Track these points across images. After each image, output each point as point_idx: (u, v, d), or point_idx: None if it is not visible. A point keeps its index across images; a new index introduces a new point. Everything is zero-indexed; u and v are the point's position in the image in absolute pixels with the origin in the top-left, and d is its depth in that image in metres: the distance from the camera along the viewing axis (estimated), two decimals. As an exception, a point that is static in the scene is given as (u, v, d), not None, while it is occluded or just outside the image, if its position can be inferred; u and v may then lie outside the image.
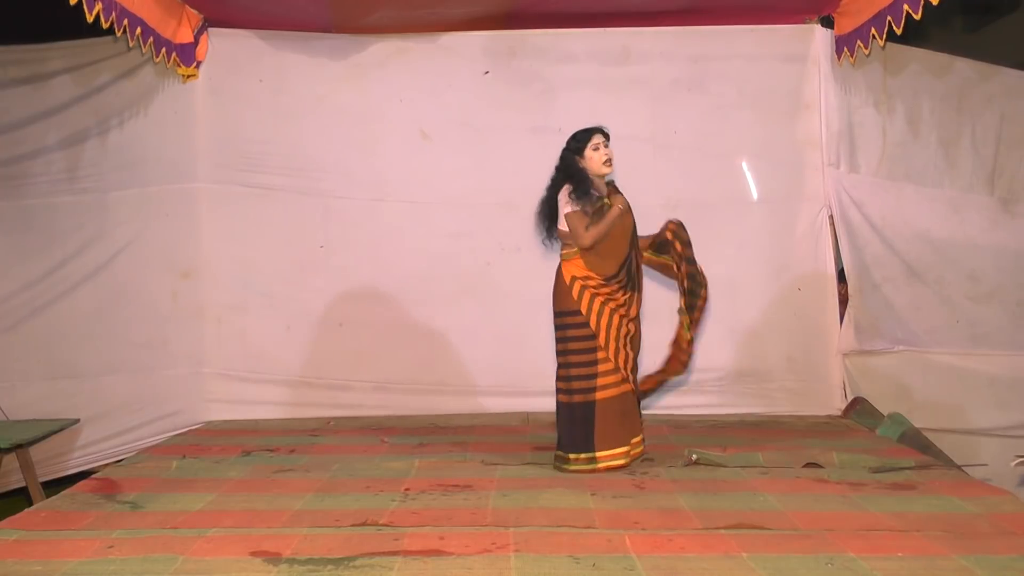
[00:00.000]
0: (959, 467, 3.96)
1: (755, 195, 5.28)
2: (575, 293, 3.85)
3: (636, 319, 3.94)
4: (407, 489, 3.55)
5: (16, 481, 4.45)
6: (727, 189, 5.26)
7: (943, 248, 5.08)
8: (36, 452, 4.35)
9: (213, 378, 5.21)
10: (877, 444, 4.30)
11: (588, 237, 3.81)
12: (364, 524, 3.05)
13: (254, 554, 2.73)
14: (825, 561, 2.63)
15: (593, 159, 3.87)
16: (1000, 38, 9.59)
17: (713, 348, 5.20)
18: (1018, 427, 4.85)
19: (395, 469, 3.92)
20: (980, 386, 4.97)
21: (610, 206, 3.86)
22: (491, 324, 5.20)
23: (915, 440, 4.35)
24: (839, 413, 5.09)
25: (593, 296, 3.85)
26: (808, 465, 3.88)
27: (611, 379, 3.84)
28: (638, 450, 3.95)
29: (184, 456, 4.21)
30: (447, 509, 3.27)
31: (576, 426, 3.84)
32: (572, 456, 3.84)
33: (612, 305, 3.85)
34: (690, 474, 3.74)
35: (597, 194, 3.87)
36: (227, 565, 2.65)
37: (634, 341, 3.93)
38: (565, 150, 3.93)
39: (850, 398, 5.07)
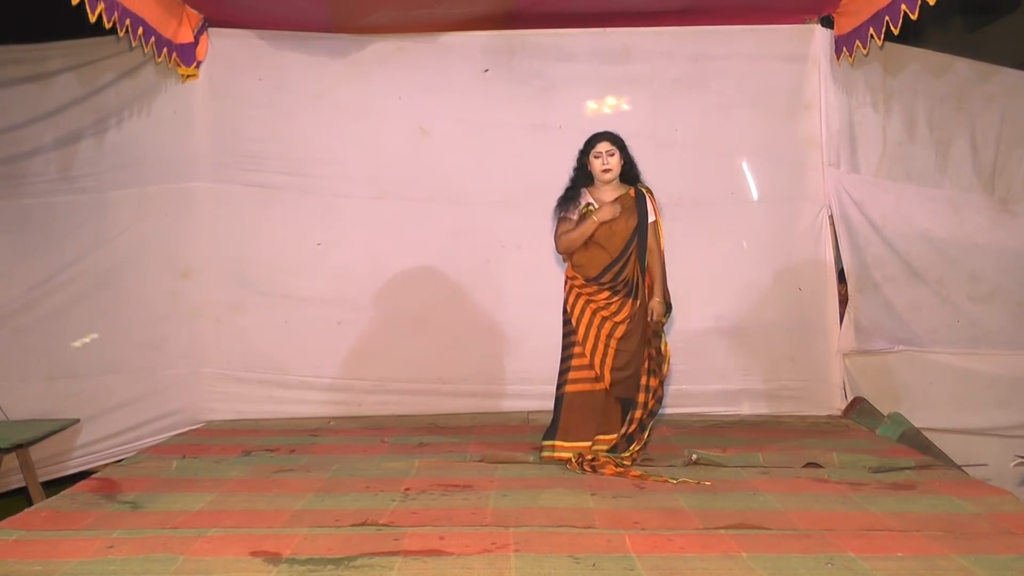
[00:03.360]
0: (959, 467, 3.96)
1: (755, 195, 5.28)
2: (566, 291, 4.05)
3: (628, 322, 3.94)
4: (407, 489, 3.56)
5: (16, 481, 4.45)
6: (727, 188, 5.26)
7: (943, 248, 5.08)
8: (36, 452, 4.35)
9: (213, 378, 5.20)
10: (877, 444, 4.30)
11: (560, 243, 4.04)
12: (364, 524, 3.05)
13: (254, 554, 2.73)
14: (825, 561, 2.64)
15: (593, 165, 3.98)
16: (1000, 38, 9.57)
17: (713, 347, 5.21)
18: (1018, 427, 4.85)
19: (395, 469, 3.92)
20: (980, 386, 4.97)
21: (593, 213, 3.93)
22: (491, 323, 5.20)
23: (915, 440, 4.36)
24: (839, 413, 5.09)
25: (578, 295, 4.00)
26: (808, 465, 3.89)
27: (583, 375, 3.95)
28: (601, 447, 3.93)
29: (184, 456, 4.21)
30: (447, 509, 3.27)
31: (553, 415, 4.03)
32: (544, 443, 4.01)
33: (594, 306, 3.96)
34: (690, 474, 3.74)
35: (586, 201, 3.96)
36: (227, 565, 2.66)
37: (629, 343, 3.94)
38: (580, 151, 4.05)
39: (850, 398, 5.08)
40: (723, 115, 5.24)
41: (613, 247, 3.96)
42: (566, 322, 4.04)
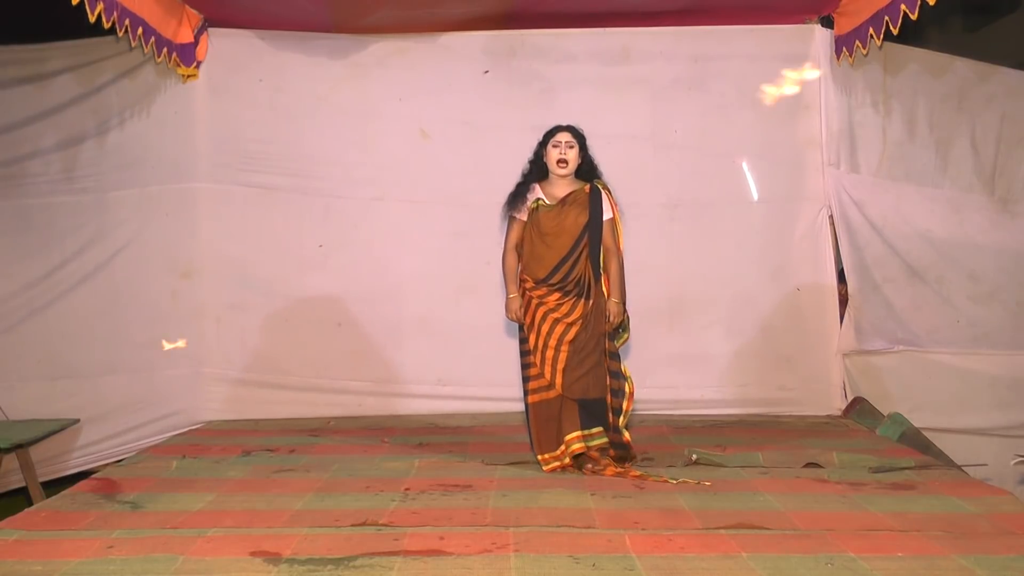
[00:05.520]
0: (959, 467, 3.96)
1: (755, 195, 5.28)
2: (523, 295, 3.91)
3: (581, 323, 3.78)
4: (407, 489, 3.56)
5: (16, 481, 4.46)
6: (727, 189, 5.26)
7: (943, 248, 5.08)
8: (36, 452, 4.36)
9: (213, 378, 5.21)
10: (877, 444, 4.30)
11: (505, 244, 3.95)
12: (364, 524, 3.05)
13: (254, 554, 2.73)
14: (825, 561, 2.64)
15: (549, 156, 3.86)
16: (1000, 38, 9.57)
17: (713, 348, 5.21)
18: (1018, 427, 4.85)
19: (395, 469, 3.92)
20: (980, 386, 4.97)
21: (544, 209, 3.82)
22: (491, 324, 5.19)
23: (915, 440, 4.36)
24: (839, 413, 5.09)
25: (530, 299, 3.86)
26: (808, 465, 3.89)
27: (539, 383, 3.84)
28: (577, 446, 3.79)
29: (184, 456, 4.21)
30: (447, 509, 3.27)
31: (527, 428, 3.93)
32: (537, 458, 3.88)
33: (544, 309, 3.81)
34: (690, 474, 3.74)
35: (535, 196, 3.85)
36: (227, 565, 2.66)
37: (583, 345, 3.78)
38: (538, 143, 3.94)
39: (850, 398, 5.08)
40: (723, 115, 5.24)
41: (561, 244, 3.79)
42: (520, 328, 3.92)
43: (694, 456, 3.99)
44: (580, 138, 3.87)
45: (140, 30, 4.29)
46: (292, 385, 5.23)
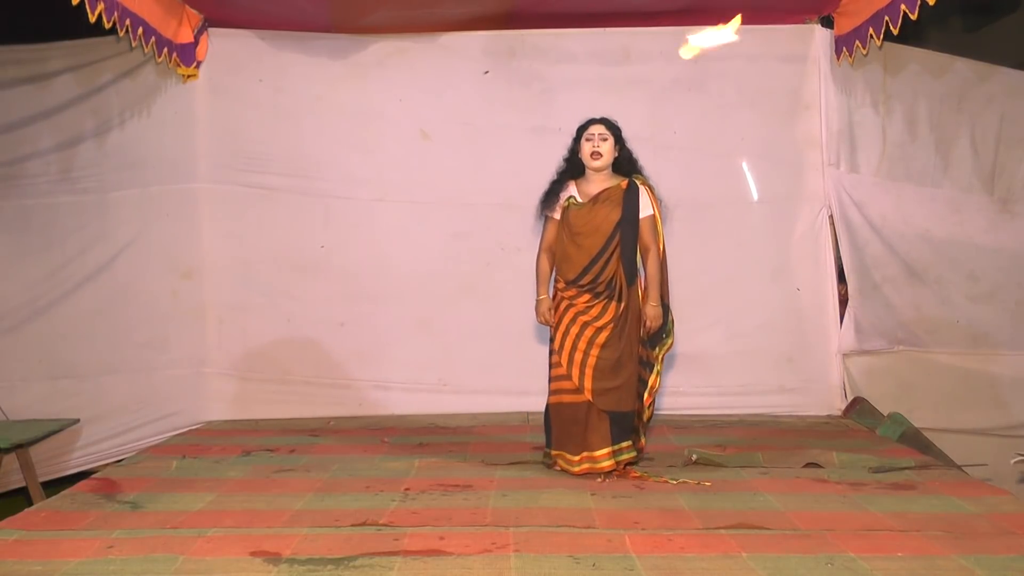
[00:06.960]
0: (959, 467, 3.97)
1: (755, 195, 5.28)
2: (554, 296, 3.86)
3: (612, 327, 3.66)
4: (407, 489, 3.56)
5: (16, 481, 4.45)
6: (727, 189, 5.27)
7: (943, 248, 5.09)
8: (36, 452, 4.35)
9: (214, 378, 5.21)
10: (877, 444, 4.31)
11: (539, 244, 3.89)
12: (364, 524, 3.06)
13: (254, 554, 2.73)
14: (825, 561, 2.64)
15: (583, 149, 3.75)
16: (1000, 38, 9.56)
17: (713, 348, 5.21)
18: (1018, 427, 4.86)
19: (395, 469, 3.92)
20: (980, 386, 4.98)
21: (575, 207, 3.74)
22: (491, 324, 5.20)
23: (915, 440, 4.36)
24: (839, 413, 5.09)
25: (561, 299, 3.79)
26: (808, 465, 3.89)
27: (563, 385, 3.74)
28: (606, 463, 3.68)
29: (184, 456, 4.22)
30: (447, 509, 3.27)
31: (544, 425, 3.91)
32: (551, 452, 3.86)
33: (574, 311, 3.72)
34: (690, 474, 3.74)
35: (568, 195, 3.77)
36: (227, 565, 2.66)
37: (613, 351, 3.66)
38: (572, 138, 3.85)
39: (850, 398, 5.08)
40: (723, 115, 5.24)
41: (591, 244, 3.67)
42: (551, 328, 3.83)
43: (694, 456, 3.99)
44: (615, 130, 3.75)
45: (140, 30, 4.30)
46: (292, 385, 5.23)
